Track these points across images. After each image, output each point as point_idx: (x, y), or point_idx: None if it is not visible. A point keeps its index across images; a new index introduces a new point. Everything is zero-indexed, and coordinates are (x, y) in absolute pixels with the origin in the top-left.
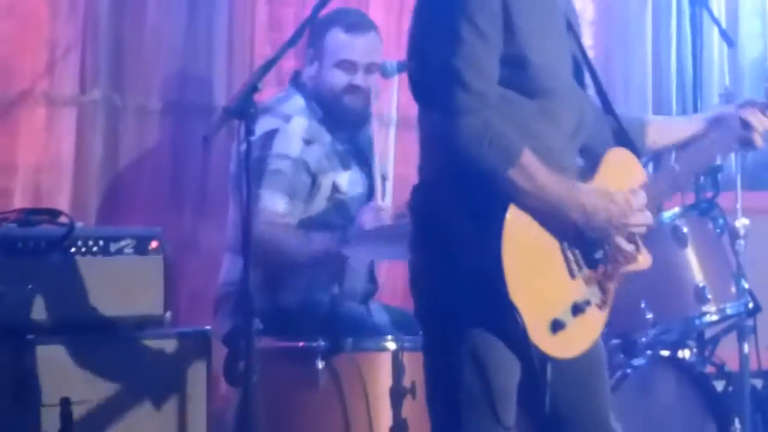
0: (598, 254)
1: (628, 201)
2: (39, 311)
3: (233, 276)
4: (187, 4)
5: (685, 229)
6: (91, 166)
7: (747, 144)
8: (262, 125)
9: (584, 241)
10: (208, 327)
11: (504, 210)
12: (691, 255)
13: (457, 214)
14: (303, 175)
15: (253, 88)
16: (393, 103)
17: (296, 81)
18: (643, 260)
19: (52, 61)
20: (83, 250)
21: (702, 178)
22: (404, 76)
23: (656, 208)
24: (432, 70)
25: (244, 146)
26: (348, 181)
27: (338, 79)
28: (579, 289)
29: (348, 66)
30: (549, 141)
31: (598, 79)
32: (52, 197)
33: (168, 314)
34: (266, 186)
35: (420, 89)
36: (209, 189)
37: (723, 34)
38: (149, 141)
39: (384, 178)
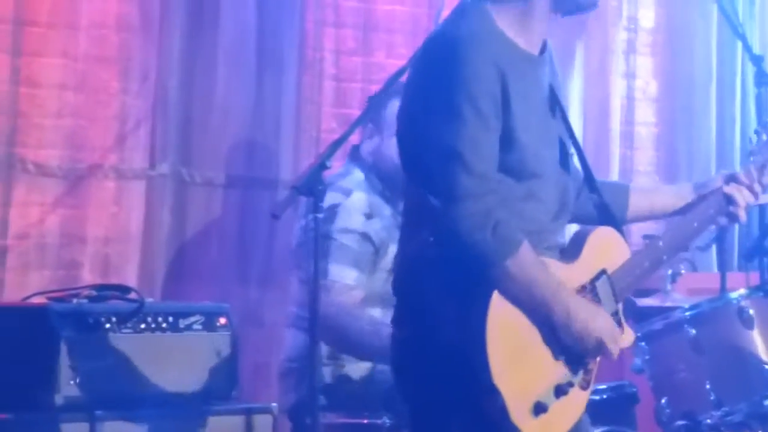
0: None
1: (611, 327)
2: (109, 386)
3: (297, 352)
4: (255, 80)
5: (751, 311)
6: (158, 238)
7: (731, 218)
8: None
9: (565, 338)
10: (274, 404)
11: (489, 294)
12: (757, 336)
13: (442, 293)
14: (367, 248)
15: (322, 166)
16: None
17: (355, 155)
18: (626, 339)
19: (122, 135)
20: (153, 326)
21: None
22: None
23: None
24: (432, 150)
25: (304, 222)
26: None
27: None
28: (561, 370)
29: None
30: (534, 222)
31: (583, 155)
32: (121, 269)
33: (235, 391)
34: (333, 260)
35: (417, 169)
36: (274, 263)
37: None
38: (216, 214)
39: None
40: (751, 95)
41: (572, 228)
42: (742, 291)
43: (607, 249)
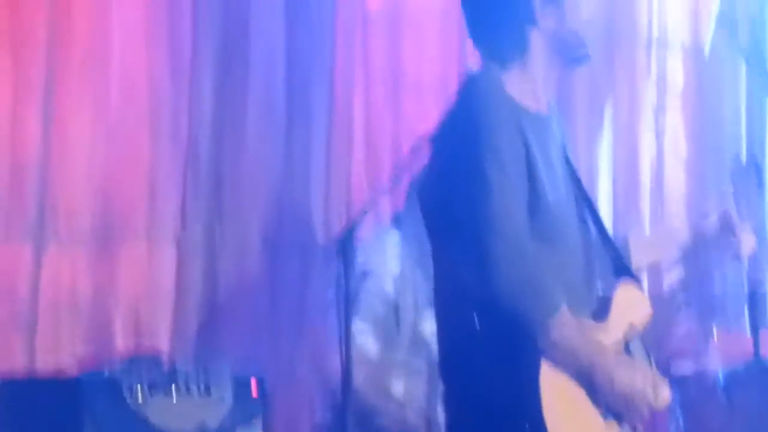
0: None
1: (652, 384)
2: None
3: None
4: (285, 142)
5: None
6: (190, 299)
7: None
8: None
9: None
10: None
11: (537, 361)
12: None
13: (491, 368)
14: (392, 315)
15: (354, 229)
16: None
17: (397, 222)
18: (665, 394)
19: (153, 196)
20: (185, 393)
21: None
22: None
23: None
24: (462, 221)
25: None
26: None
27: None
28: (611, 430)
29: None
30: (567, 283)
31: (596, 210)
32: (152, 329)
33: None
34: (359, 321)
35: (449, 242)
36: (306, 322)
37: None
38: (247, 276)
39: None
40: None
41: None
42: None
43: (632, 303)
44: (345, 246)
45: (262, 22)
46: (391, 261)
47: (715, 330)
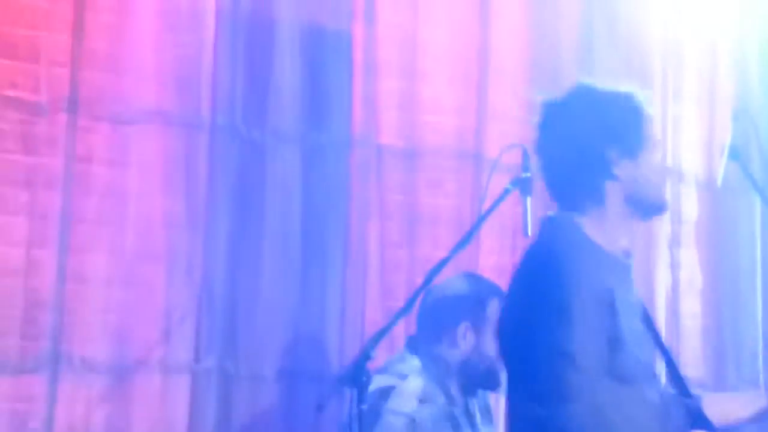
0: None
1: None
2: None
3: None
4: (300, 273)
5: None
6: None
7: None
8: (377, 382)
9: None
10: None
11: None
12: None
13: None
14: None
15: (366, 357)
16: None
17: (413, 345)
18: None
19: (167, 329)
20: None
21: None
22: None
23: None
24: (542, 354)
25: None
26: None
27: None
28: None
29: None
30: (642, 427)
31: (673, 362)
32: None
33: None
34: None
35: (525, 374)
36: None
37: None
38: (262, 408)
39: None
40: None
41: None
42: None
43: None
44: (358, 374)
45: (278, 158)
46: (416, 381)
47: None
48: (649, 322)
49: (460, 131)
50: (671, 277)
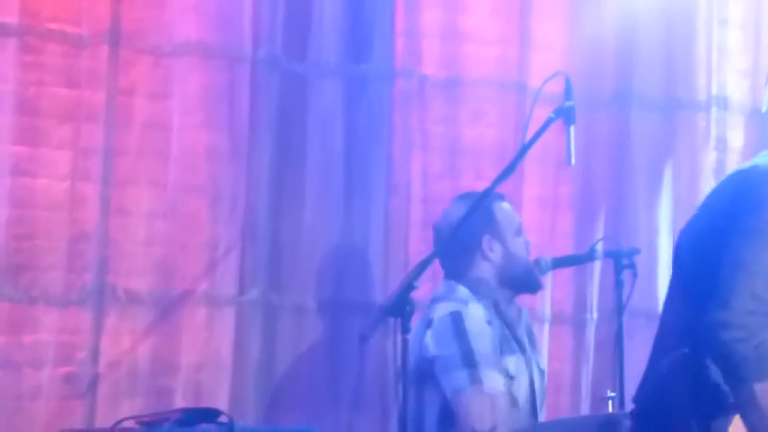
0: None
1: None
2: None
3: None
4: (343, 204)
5: None
6: (249, 364)
7: None
8: (441, 310)
9: None
10: None
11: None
12: None
13: (687, 412)
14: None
15: (410, 287)
16: (546, 300)
17: (453, 274)
18: None
19: (212, 262)
20: None
21: None
22: (558, 272)
23: None
24: (725, 264)
25: (428, 332)
26: (515, 365)
27: (521, 245)
28: None
29: (520, 228)
30: None
31: None
32: (212, 395)
33: None
34: (485, 365)
35: (700, 282)
36: (365, 387)
37: None
38: (306, 339)
39: (542, 372)
40: None
41: None
42: None
43: None
44: (401, 304)
45: (320, 90)
46: (477, 305)
47: None
48: None
49: (503, 61)
50: None
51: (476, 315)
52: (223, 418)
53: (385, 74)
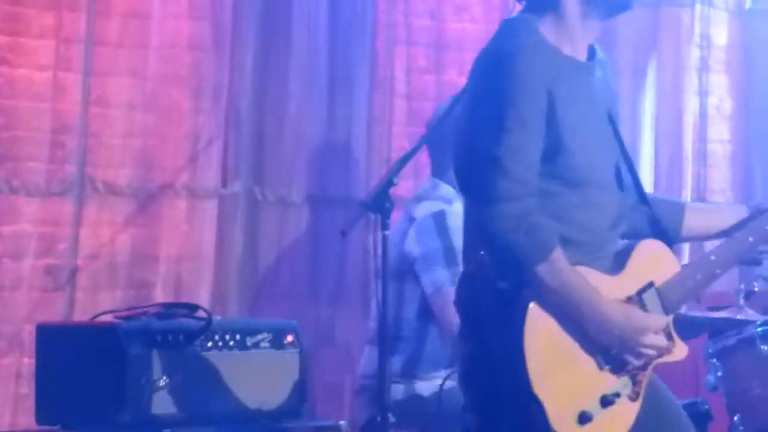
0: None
1: (646, 323)
2: (176, 404)
3: (371, 368)
4: (326, 98)
5: None
6: (231, 257)
7: None
8: (423, 209)
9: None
10: (342, 421)
11: (526, 304)
12: None
13: (492, 306)
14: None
15: (389, 183)
16: None
17: (438, 174)
18: (679, 351)
19: (194, 154)
20: (220, 344)
21: None
22: None
23: (692, 299)
24: (475, 157)
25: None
26: None
27: None
28: (608, 381)
29: None
30: (588, 230)
31: (633, 168)
32: (193, 288)
33: (304, 409)
34: (454, 264)
35: (462, 177)
36: (346, 281)
37: None
38: (288, 233)
39: None
40: None
41: None
42: None
43: (655, 261)
44: (381, 199)
45: None
46: (457, 204)
47: (756, 286)
48: (614, 126)
49: None
50: (699, 103)
51: (459, 213)
52: (201, 313)
53: None
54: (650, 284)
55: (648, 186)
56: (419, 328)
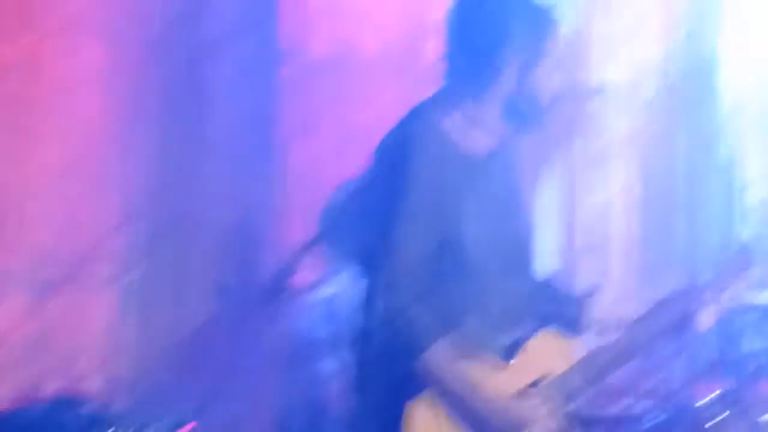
0: None
1: (531, 417)
2: None
3: None
4: (229, 187)
5: None
6: (127, 343)
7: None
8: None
9: None
10: None
11: (409, 392)
12: None
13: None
14: None
15: (290, 270)
16: None
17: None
18: None
19: (91, 243)
20: None
21: None
22: None
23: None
24: (365, 248)
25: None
26: None
27: None
28: None
29: None
30: (484, 321)
31: (532, 257)
32: (87, 373)
33: None
34: None
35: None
36: (244, 372)
37: None
38: (186, 322)
39: None
40: None
41: None
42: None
43: (548, 353)
44: (281, 284)
45: (213, 69)
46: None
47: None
48: (520, 225)
49: None
50: (604, 192)
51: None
52: (91, 406)
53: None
54: (543, 377)
55: None
56: None
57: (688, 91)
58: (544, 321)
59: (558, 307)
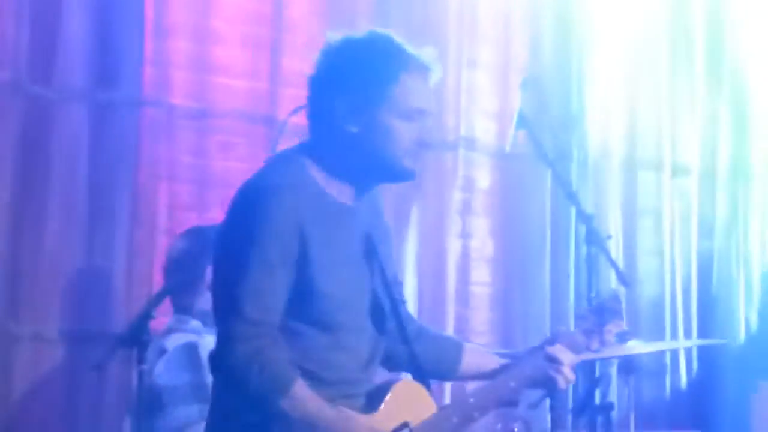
0: None
1: None
2: None
3: None
4: (87, 233)
5: None
6: None
7: (549, 382)
8: (177, 340)
9: None
10: None
11: None
12: None
13: None
14: None
15: (147, 316)
16: None
17: (180, 309)
18: None
19: None
20: None
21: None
22: None
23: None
24: (217, 296)
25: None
26: None
27: None
28: None
29: None
30: (339, 371)
31: (397, 308)
32: None
33: None
34: (203, 400)
35: (212, 312)
36: (103, 418)
37: (619, 275)
38: (44, 369)
39: None
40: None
41: None
42: None
43: (410, 402)
44: (138, 333)
45: (64, 115)
46: (208, 336)
47: (516, 430)
48: (382, 271)
49: (253, 94)
50: (462, 245)
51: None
52: None
53: (133, 102)
54: (405, 425)
55: None
56: None
57: (551, 142)
58: (400, 368)
59: (416, 357)
